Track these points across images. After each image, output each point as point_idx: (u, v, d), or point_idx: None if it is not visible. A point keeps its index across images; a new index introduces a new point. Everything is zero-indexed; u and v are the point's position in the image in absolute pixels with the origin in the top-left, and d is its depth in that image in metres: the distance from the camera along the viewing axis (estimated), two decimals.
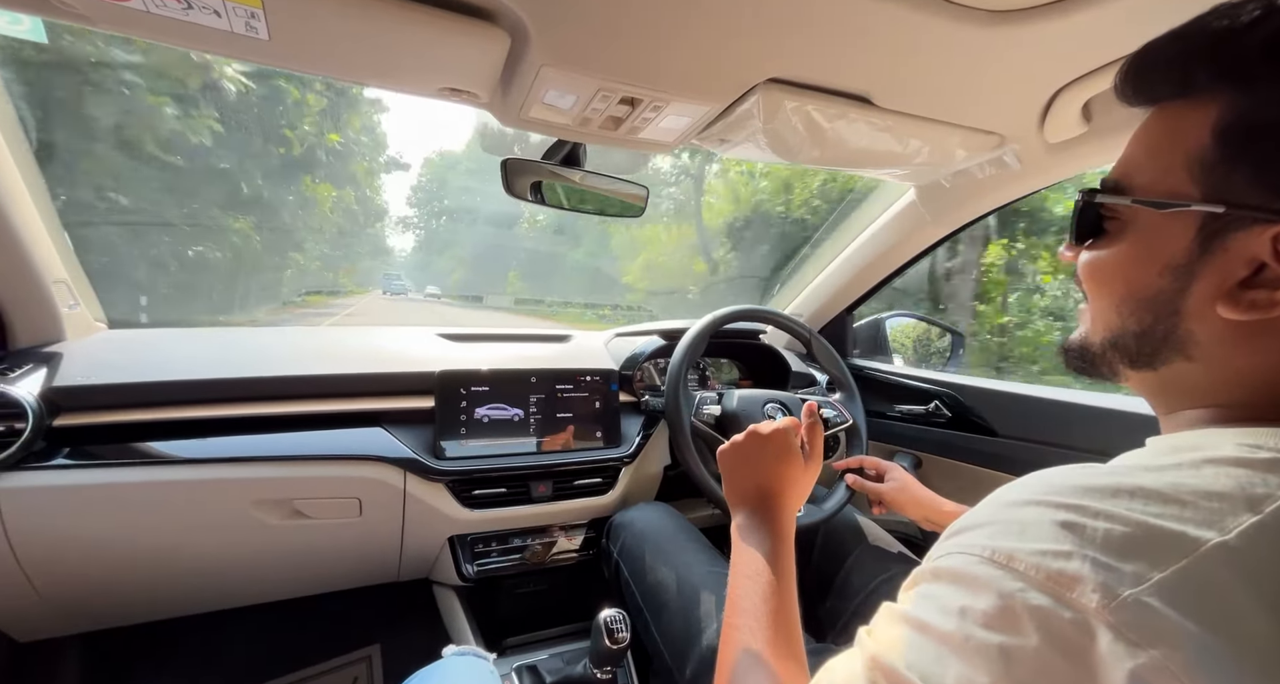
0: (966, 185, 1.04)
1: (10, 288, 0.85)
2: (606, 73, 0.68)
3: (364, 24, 0.58)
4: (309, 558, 1.04)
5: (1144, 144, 0.38)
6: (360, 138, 11.54)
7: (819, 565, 1.04)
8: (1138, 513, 0.29)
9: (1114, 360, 0.41)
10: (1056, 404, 1.04)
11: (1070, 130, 0.80)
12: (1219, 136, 0.33)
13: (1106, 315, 0.40)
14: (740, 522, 0.63)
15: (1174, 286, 0.35)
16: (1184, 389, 0.38)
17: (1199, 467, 0.31)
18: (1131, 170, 0.38)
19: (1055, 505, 0.31)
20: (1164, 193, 0.36)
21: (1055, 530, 0.29)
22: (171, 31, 0.57)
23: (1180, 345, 0.36)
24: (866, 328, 1.56)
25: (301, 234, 9.68)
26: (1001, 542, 0.31)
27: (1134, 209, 0.37)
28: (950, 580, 0.32)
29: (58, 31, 3.24)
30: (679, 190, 11.50)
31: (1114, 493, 0.30)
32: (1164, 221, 0.36)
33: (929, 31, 0.61)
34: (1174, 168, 0.35)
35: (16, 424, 0.78)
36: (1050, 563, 0.28)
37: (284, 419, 0.95)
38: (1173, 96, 0.36)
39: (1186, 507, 0.29)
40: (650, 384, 1.32)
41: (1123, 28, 0.59)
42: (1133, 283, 0.38)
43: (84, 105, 4.47)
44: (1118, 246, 0.39)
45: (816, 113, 0.77)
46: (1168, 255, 0.35)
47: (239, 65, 5.43)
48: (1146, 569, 0.27)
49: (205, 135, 5.48)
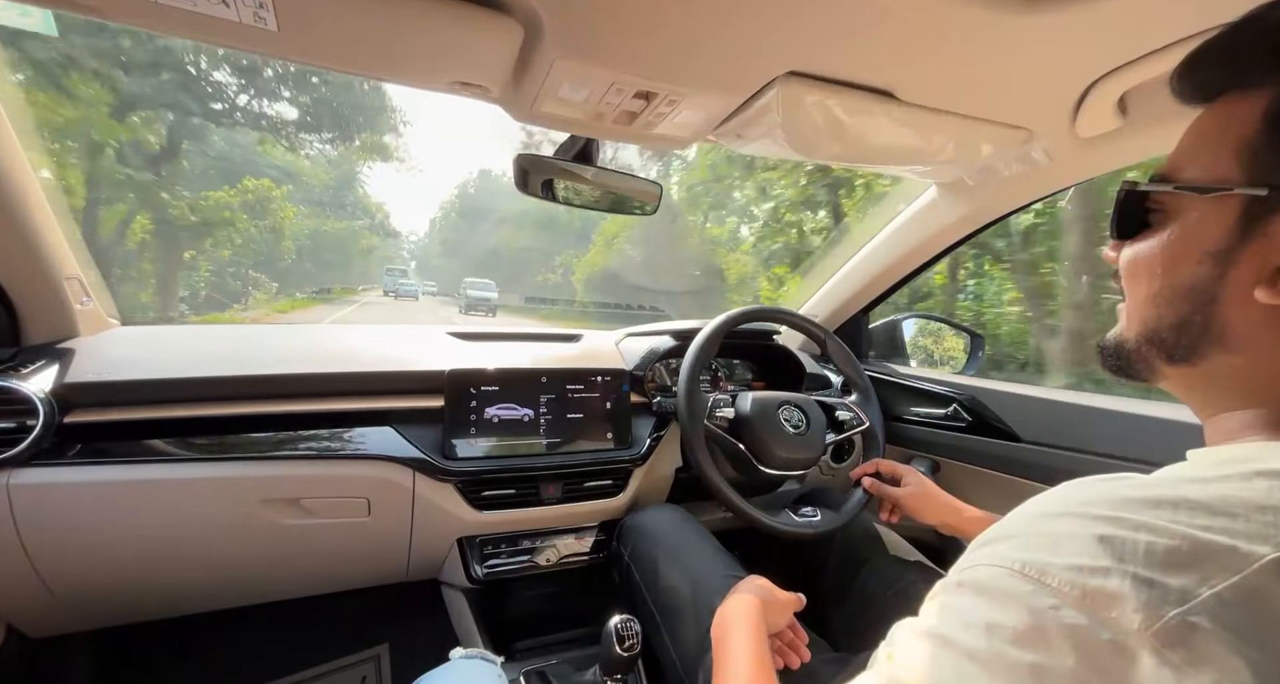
0: (991, 183, 1.01)
1: (23, 284, 0.85)
2: (621, 66, 0.66)
3: (373, 15, 0.57)
4: (318, 557, 1.03)
5: (1191, 137, 0.38)
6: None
7: (835, 572, 1.01)
8: (1183, 525, 0.27)
9: (1150, 356, 0.39)
10: (1081, 409, 1.00)
11: (1104, 124, 0.77)
12: (1268, 122, 0.33)
13: (1143, 309, 0.39)
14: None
15: (1212, 273, 0.35)
16: (1226, 385, 0.37)
17: (1250, 479, 0.29)
18: (1181, 163, 0.38)
19: (1092, 518, 0.29)
20: (1209, 179, 0.35)
21: (1092, 544, 0.28)
22: (180, 22, 0.56)
23: (1219, 336, 0.35)
24: (883, 329, 1.53)
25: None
26: (1033, 555, 0.29)
27: (1176, 197, 0.37)
28: (976, 593, 0.30)
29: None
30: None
31: (1156, 504, 0.29)
32: (1206, 207, 0.35)
33: (957, 20, 0.58)
34: (1222, 155, 0.35)
35: (28, 420, 0.78)
36: (1087, 580, 0.27)
37: (293, 417, 0.94)
38: (1232, 88, 0.36)
39: (1237, 519, 0.27)
40: (662, 385, 1.30)
41: (1165, 13, 0.56)
42: (1170, 271, 0.37)
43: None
44: (1159, 237, 0.38)
45: (837, 107, 0.74)
46: (1209, 241, 0.35)
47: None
48: (1194, 585, 0.25)
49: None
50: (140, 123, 6.14)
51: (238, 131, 12.22)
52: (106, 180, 5.68)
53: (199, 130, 11.12)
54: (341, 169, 21.59)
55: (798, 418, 1.09)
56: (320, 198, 20.84)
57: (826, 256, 1.48)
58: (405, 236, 35.62)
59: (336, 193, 21.39)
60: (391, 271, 22.75)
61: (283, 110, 10.92)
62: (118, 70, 5.46)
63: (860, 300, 1.41)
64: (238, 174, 12.83)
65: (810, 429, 1.09)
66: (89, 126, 5.60)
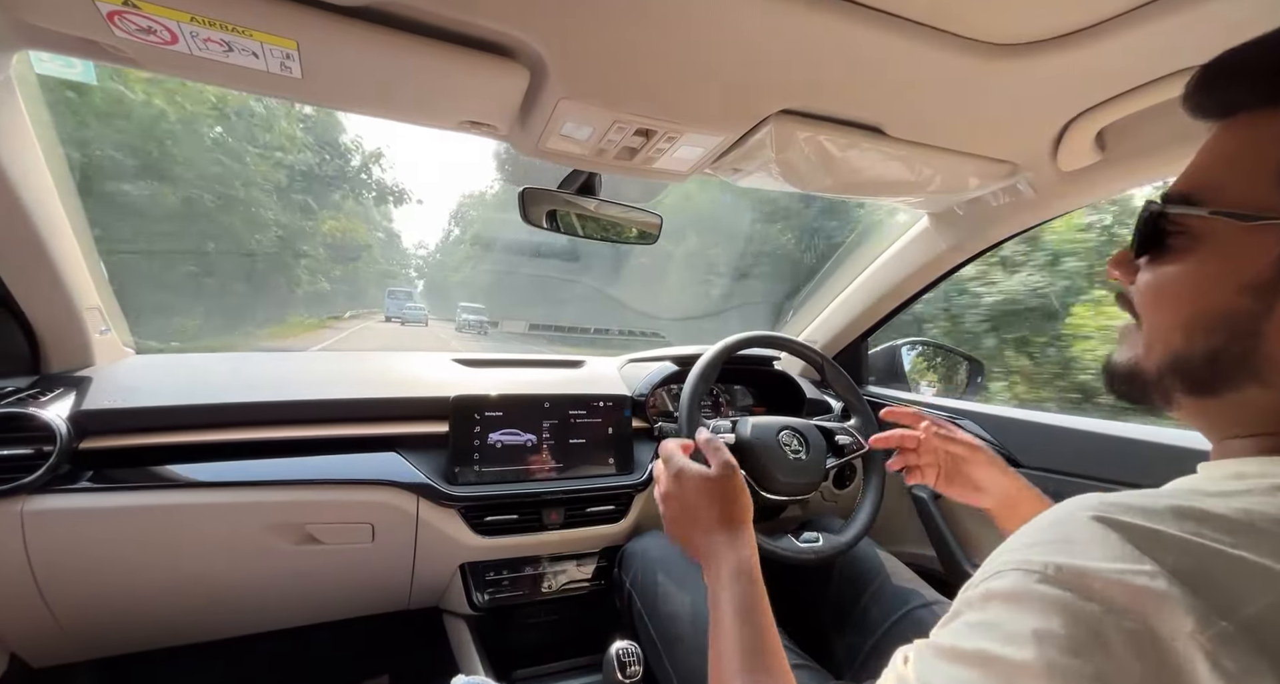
0: (981, 213, 1.04)
1: (48, 316, 0.88)
2: (622, 105, 0.70)
3: (391, 62, 0.61)
4: (321, 585, 1.03)
5: (1220, 154, 0.36)
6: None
7: (836, 598, 1.01)
8: (1207, 540, 0.27)
9: (1170, 386, 0.37)
10: (1081, 434, 1.01)
11: (1084, 159, 0.81)
12: None
13: (1168, 336, 0.37)
14: (705, 569, 0.61)
15: (1255, 307, 0.32)
16: (1247, 416, 0.35)
17: (1272, 494, 0.29)
18: (1206, 182, 0.36)
19: (1115, 523, 0.28)
20: (1248, 205, 0.33)
21: (1126, 548, 0.27)
22: (213, 72, 0.60)
23: (1256, 369, 0.33)
24: (882, 355, 1.54)
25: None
26: (1064, 558, 0.28)
27: (1210, 222, 0.34)
28: (1009, 603, 0.28)
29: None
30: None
31: (1178, 515, 0.28)
32: (1245, 236, 0.33)
33: (938, 64, 0.62)
34: (1259, 179, 0.33)
35: (45, 447, 0.80)
36: (1133, 579, 0.26)
37: (300, 443, 0.96)
38: (1256, 105, 0.34)
39: (1264, 535, 0.27)
40: (663, 410, 1.32)
41: (1131, 61, 0.60)
42: (1205, 301, 0.34)
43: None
44: (1190, 262, 0.35)
45: (829, 143, 0.78)
46: (1250, 272, 0.32)
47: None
48: (1234, 601, 0.25)
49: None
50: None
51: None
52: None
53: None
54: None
55: (798, 443, 1.10)
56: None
57: (823, 283, 1.51)
58: (410, 252, 33.37)
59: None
60: (395, 294, 20.16)
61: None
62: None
63: (858, 327, 1.44)
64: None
65: (811, 454, 1.09)
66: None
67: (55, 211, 0.82)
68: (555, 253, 15.63)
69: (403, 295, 19.90)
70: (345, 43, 0.57)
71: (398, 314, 18.04)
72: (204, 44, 0.56)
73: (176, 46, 0.56)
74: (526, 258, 18.26)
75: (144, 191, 6.69)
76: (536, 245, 16.38)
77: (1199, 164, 0.37)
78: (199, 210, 7.63)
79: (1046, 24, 0.57)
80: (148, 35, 0.55)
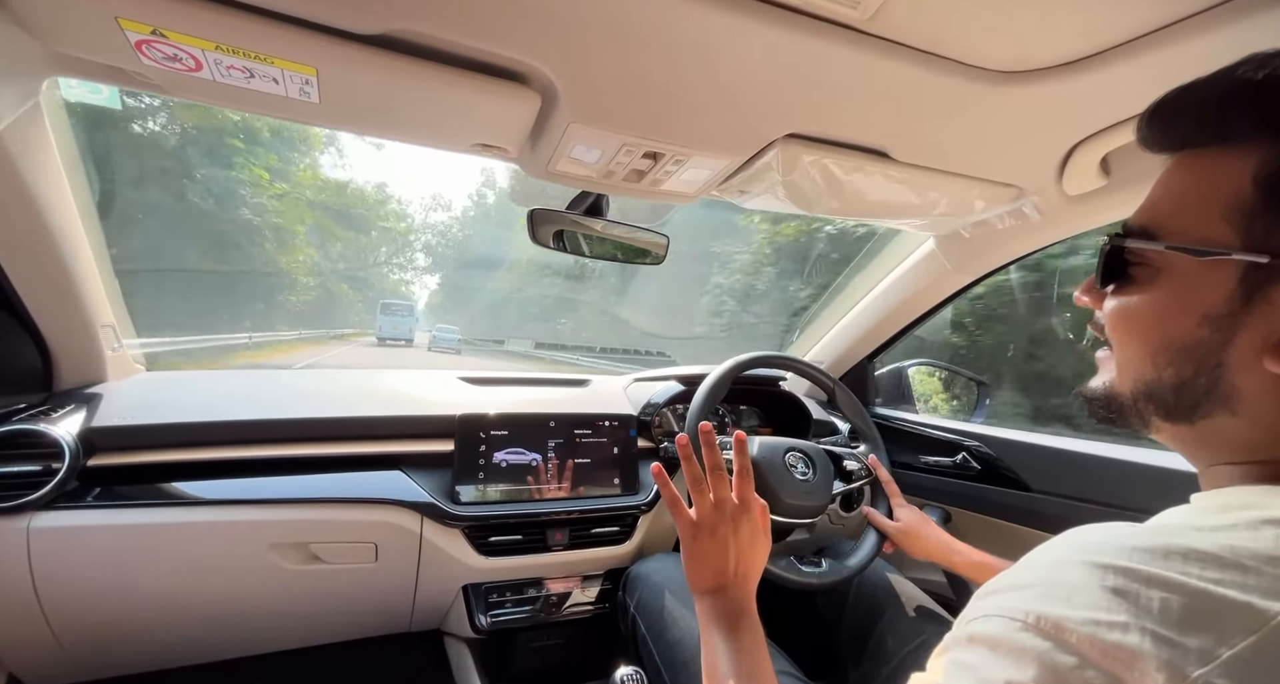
0: (987, 235, 1.04)
1: (64, 334, 0.89)
2: (631, 129, 0.72)
3: (406, 88, 0.62)
4: (322, 605, 1.02)
5: (1172, 190, 0.37)
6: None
7: (850, 626, 0.99)
8: (1194, 579, 0.27)
9: (1146, 412, 0.38)
10: (1094, 459, 1.00)
11: (1089, 183, 0.81)
12: (1261, 186, 0.32)
13: (1138, 365, 0.38)
14: (710, 606, 0.59)
15: (1216, 338, 0.33)
16: (1224, 443, 0.36)
17: (1256, 528, 0.29)
18: (1160, 216, 0.37)
19: (1102, 567, 0.28)
20: (1200, 240, 0.34)
21: (1106, 597, 0.27)
22: (235, 97, 0.62)
23: (1224, 399, 0.34)
24: (888, 376, 1.54)
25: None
26: (1046, 607, 0.28)
27: (1167, 255, 0.36)
28: (989, 648, 0.29)
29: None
30: None
31: (1165, 554, 0.28)
32: (1202, 270, 0.34)
33: (943, 90, 0.63)
34: (1210, 215, 0.34)
35: (54, 464, 0.80)
36: (1105, 635, 0.26)
37: (306, 461, 0.96)
38: (1205, 143, 0.35)
39: (1249, 572, 0.27)
40: (669, 430, 1.31)
41: (1135, 87, 0.61)
42: (1170, 332, 0.36)
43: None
44: (1151, 293, 0.37)
45: (834, 166, 0.79)
46: (1208, 304, 0.34)
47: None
48: (1213, 645, 0.25)
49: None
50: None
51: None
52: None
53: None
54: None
55: (804, 465, 1.09)
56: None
57: (829, 304, 1.51)
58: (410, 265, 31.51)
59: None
60: (392, 309, 16.67)
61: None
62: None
63: (864, 348, 1.43)
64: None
65: (818, 477, 1.08)
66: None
67: (76, 232, 0.84)
68: (560, 272, 15.74)
69: (401, 310, 16.86)
70: (363, 69, 0.58)
71: (390, 335, 15.72)
72: (227, 71, 0.57)
73: (200, 73, 0.58)
74: (534, 276, 18.28)
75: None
76: (543, 264, 16.52)
77: (1153, 199, 0.38)
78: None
79: (1048, 53, 0.58)
80: (173, 63, 0.56)
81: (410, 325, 16.87)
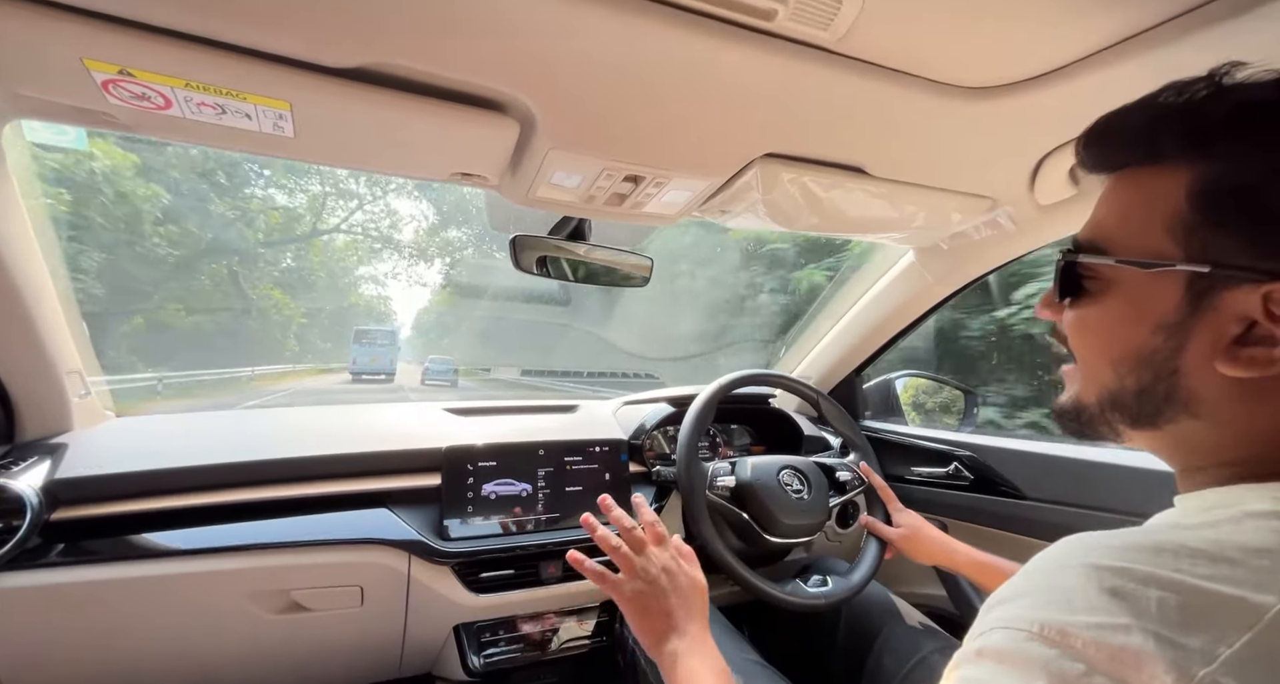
0: (965, 247, 1.06)
1: (26, 382, 0.85)
2: (610, 154, 0.72)
3: (383, 120, 0.62)
4: (307, 655, 0.97)
5: (1115, 207, 0.39)
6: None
7: (845, 647, 0.97)
8: (1187, 575, 0.28)
9: (1113, 420, 0.40)
10: (1085, 464, 1.00)
11: (1060, 193, 0.83)
12: (1194, 201, 0.34)
13: (1100, 375, 0.40)
14: (671, 652, 0.61)
15: (1169, 345, 0.35)
16: (1193, 446, 0.37)
17: (1239, 522, 0.30)
18: (1108, 232, 0.39)
19: (1097, 568, 0.29)
20: (1147, 252, 0.36)
21: (1105, 598, 0.28)
22: (207, 135, 0.61)
23: (1184, 403, 0.36)
24: (877, 389, 1.54)
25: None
26: (1048, 614, 0.29)
27: (1118, 269, 0.38)
28: (997, 661, 0.29)
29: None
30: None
31: (1156, 552, 0.29)
32: (1150, 281, 0.36)
33: (915, 107, 0.64)
34: (1152, 229, 0.36)
35: (14, 521, 0.76)
36: (1110, 637, 0.26)
37: (285, 503, 0.92)
38: (1139, 162, 0.38)
39: (1236, 565, 0.28)
40: (660, 453, 1.29)
41: (1095, 101, 0.62)
42: (1126, 341, 0.37)
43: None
44: (1105, 305, 0.39)
45: (813, 183, 0.80)
46: (1159, 314, 0.35)
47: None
48: (1213, 644, 0.25)
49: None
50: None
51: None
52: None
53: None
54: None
55: (799, 482, 1.08)
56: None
57: (813, 319, 1.52)
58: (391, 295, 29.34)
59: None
60: (366, 338, 15.16)
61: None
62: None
63: (851, 361, 1.44)
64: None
65: (813, 493, 1.07)
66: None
67: (40, 276, 0.81)
68: (542, 297, 15.60)
69: (380, 339, 15.17)
70: (338, 102, 0.58)
71: (365, 368, 14.15)
72: (197, 108, 0.56)
73: (170, 111, 0.57)
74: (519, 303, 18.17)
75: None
76: (527, 290, 16.32)
77: (1098, 215, 0.40)
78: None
79: (1014, 69, 0.60)
80: (141, 101, 0.55)
81: (391, 356, 15.32)
